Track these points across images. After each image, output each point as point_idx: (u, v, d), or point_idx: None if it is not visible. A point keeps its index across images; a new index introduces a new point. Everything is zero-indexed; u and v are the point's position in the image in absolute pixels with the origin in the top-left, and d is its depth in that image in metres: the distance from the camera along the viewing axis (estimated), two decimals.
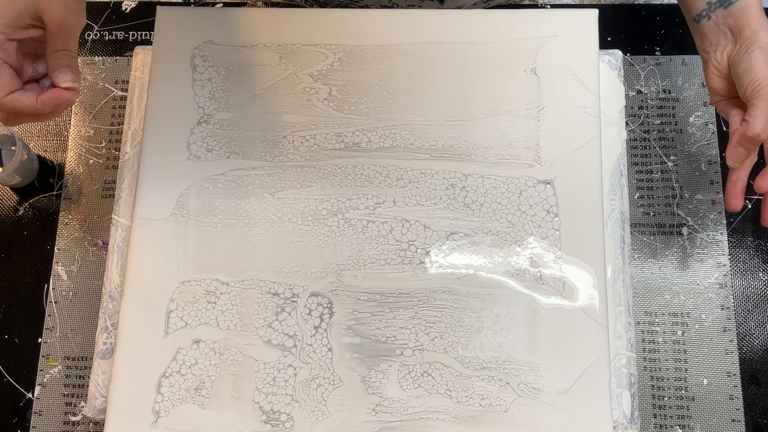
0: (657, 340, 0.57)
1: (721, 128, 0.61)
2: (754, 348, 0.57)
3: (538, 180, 0.56)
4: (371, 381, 0.53)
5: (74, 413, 0.57)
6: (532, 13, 0.61)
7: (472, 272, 0.55)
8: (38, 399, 0.57)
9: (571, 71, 0.58)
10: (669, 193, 0.60)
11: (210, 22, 0.61)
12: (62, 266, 0.60)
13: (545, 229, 0.55)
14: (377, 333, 0.54)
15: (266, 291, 0.55)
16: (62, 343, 0.58)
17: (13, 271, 0.60)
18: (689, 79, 0.63)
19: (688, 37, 0.64)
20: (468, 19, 0.60)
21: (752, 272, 0.59)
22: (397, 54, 0.59)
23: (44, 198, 0.62)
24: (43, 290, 0.59)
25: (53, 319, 0.58)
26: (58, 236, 0.60)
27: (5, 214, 0.61)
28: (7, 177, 0.59)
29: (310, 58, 0.60)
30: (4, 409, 0.57)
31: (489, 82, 0.58)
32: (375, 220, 0.56)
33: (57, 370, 0.57)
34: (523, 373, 0.53)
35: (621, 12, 0.65)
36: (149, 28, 0.65)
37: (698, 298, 0.58)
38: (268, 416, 0.52)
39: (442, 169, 0.57)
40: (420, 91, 0.59)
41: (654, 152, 0.61)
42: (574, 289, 0.54)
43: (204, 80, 0.59)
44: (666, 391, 0.56)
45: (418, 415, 0.52)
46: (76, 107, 0.64)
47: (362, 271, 0.55)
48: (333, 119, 0.58)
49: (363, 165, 0.57)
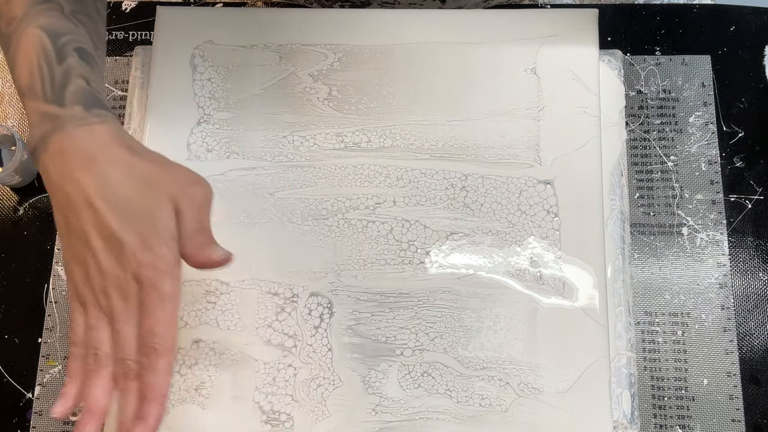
0: (657, 340, 0.57)
1: (721, 128, 0.61)
2: (754, 348, 0.57)
3: (538, 180, 0.56)
4: (371, 381, 0.53)
5: (74, 413, 0.57)
6: (532, 13, 0.61)
7: (472, 272, 0.55)
8: (38, 399, 0.57)
9: (571, 71, 0.58)
10: (669, 193, 0.60)
11: (210, 22, 0.61)
12: (62, 266, 0.60)
13: (545, 229, 0.55)
14: (377, 333, 0.54)
15: (266, 291, 0.55)
16: (62, 343, 0.58)
17: (13, 271, 0.60)
18: (689, 79, 0.63)
19: (688, 37, 0.64)
20: (468, 19, 0.60)
21: (752, 272, 0.59)
22: (397, 54, 0.59)
23: (44, 198, 0.62)
24: (43, 290, 0.59)
25: (53, 319, 0.58)
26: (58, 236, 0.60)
27: (5, 214, 0.61)
28: (7, 177, 0.59)
29: (310, 58, 0.60)
30: (4, 409, 0.57)
31: (489, 82, 0.58)
32: (375, 220, 0.56)
33: (57, 370, 0.57)
34: (523, 373, 0.53)
35: (621, 12, 0.65)
36: (149, 28, 0.65)
37: (698, 298, 0.58)
38: (268, 416, 0.52)
39: (442, 169, 0.57)
40: (420, 91, 0.59)
41: (654, 152, 0.61)
42: (574, 289, 0.54)
43: (204, 80, 0.59)
44: (666, 391, 0.56)
45: (418, 415, 0.52)
46: None
47: (362, 271, 0.55)
48: (333, 119, 0.58)
49: (363, 165, 0.57)
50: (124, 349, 0.41)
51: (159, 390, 0.41)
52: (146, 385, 0.41)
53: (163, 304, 0.41)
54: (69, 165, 0.41)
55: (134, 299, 0.41)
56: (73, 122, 0.41)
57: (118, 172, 0.41)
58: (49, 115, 0.42)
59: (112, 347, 0.42)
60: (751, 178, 0.61)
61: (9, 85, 0.64)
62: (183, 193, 0.42)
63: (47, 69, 0.42)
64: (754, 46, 0.63)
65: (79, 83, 0.43)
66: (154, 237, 0.41)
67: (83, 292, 0.42)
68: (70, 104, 0.42)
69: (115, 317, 0.41)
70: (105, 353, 0.42)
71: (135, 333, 0.41)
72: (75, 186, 0.40)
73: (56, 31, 0.44)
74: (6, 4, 0.44)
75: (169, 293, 0.41)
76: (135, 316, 0.41)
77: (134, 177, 0.41)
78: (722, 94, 0.62)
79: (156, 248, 0.41)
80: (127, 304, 0.41)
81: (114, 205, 0.40)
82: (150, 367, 0.41)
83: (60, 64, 0.43)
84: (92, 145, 0.41)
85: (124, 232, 0.40)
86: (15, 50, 0.44)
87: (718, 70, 0.63)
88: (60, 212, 0.42)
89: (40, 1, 0.44)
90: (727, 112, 0.62)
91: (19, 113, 0.64)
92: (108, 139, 0.42)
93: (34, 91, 0.42)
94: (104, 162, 0.41)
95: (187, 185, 0.43)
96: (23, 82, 0.43)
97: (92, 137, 0.41)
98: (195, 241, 0.43)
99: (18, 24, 0.44)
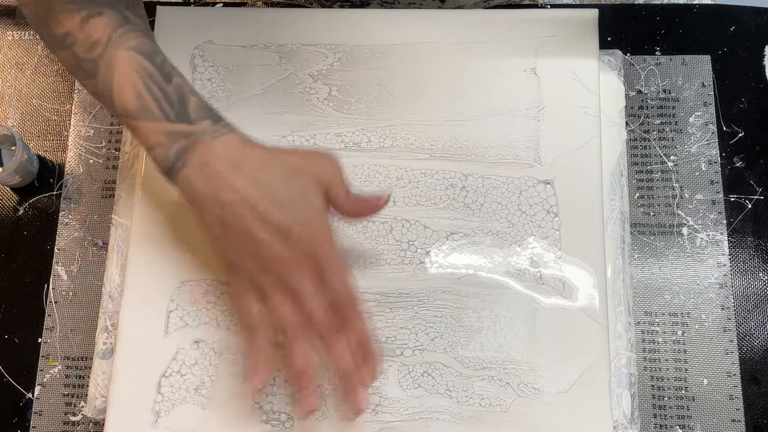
0: (657, 340, 0.57)
1: (721, 128, 0.61)
2: (754, 348, 0.57)
3: (538, 180, 0.56)
4: None
5: (74, 413, 0.57)
6: (532, 13, 0.61)
7: (472, 272, 0.55)
8: (38, 399, 0.57)
9: (571, 71, 0.58)
10: (669, 193, 0.60)
11: (210, 22, 0.61)
12: (62, 266, 0.60)
13: (545, 229, 0.55)
14: (377, 333, 0.54)
15: None
16: (62, 343, 0.58)
17: (13, 271, 0.60)
18: (689, 79, 0.63)
19: (688, 37, 0.64)
20: (468, 19, 0.60)
21: (752, 272, 0.59)
22: (397, 54, 0.59)
23: (44, 198, 0.62)
24: (43, 290, 0.59)
25: (53, 319, 0.58)
26: (58, 236, 0.60)
27: (5, 214, 0.61)
28: (7, 177, 0.59)
29: (310, 58, 0.60)
30: (4, 409, 0.57)
31: (489, 82, 0.58)
32: (375, 220, 0.56)
33: (57, 370, 0.57)
34: (523, 373, 0.53)
35: (621, 12, 0.65)
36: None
37: (698, 298, 0.58)
38: (268, 416, 0.52)
39: (442, 169, 0.57)
40: (420, 91, 0.59)
41: (654, 152, 0.61)
42: (574, 289, 0.54)
43: (204, 80, 0.59)
44: (666, 391, 0.56)
45: (418, 415, 0.52)
46: (77, 107, 0.64)
47: (362, 271, 0.55)
48: (333, 119, 0.58)
49: (363, 165, 0.57)
50: (316, 317, 0.46)
51: (365, 333, 0.48)
52: (354, 333, 0.47)
53: (338, 267, 0.46)
54: (217, 174, 0.44)
55: (311, 272, 0.46)
56: (208, 136, 0.45)
57: (264, 169, 0.45)
58: (180, 132, 0.45)
59: (301, 319, 0.46)
60: (751, 178, 0.61)
61: (9, 85, 0.64)
62: (324, 172, 0.47)
63: (158, 89, 0.45)
64: (754, 46, 0.63)
65: (196, 100, 0.46)
66: (310, 216, 0.45)
67: (260, 281, 0.46)
68: (198, 120, 0.46)
69: (300, 292, 0.45)
70: (295, 325, 0.46)
71: (320, 301, 0.46)
72: (229, 191, 0.44)
73: (149, 51, 0.46)
74: (81, 31, 0.45)
75: (338, 257, 0.46)
76: (316, 286, 0.46)
77: (278, 171, 0.46)
78: (722, 94, 0.62)
79: (315, 225, 0.46)
80: (306, 278, 0.46)
81: (270, 200, 0.44)
82: (350, 319, 0.47)
83: (169, 84, 0.46)
84: (232, 153, 0.45)
85: (288, 219, 0.44)
86: (107, 74, 0.45)
87: (718, 70, 0.63)
88: (213, 217, 0.45)
89: (121, 24, 0.46)
90: (727, 112, 0.62)
91: (19, 113, 0.64)
92: (242, 144, 0.46)
93: (150, 113, 0.45)
94: (249, 164, 0.45)
95: (324, 165, 0.47)
96: (131, 105, 0.45)
97: (229, 146, 0.46)
98: (354, 202, 0.48)
99: (104, 48, 0.45)
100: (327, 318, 0.46)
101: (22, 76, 0.65)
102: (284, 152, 0.47)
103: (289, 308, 0.46)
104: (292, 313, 0.46)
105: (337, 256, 0.46)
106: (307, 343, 0.47)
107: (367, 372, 0.48)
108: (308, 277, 0.46)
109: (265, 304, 0.46)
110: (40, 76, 0.65)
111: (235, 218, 0.44)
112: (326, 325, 0.46)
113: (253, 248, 0.45)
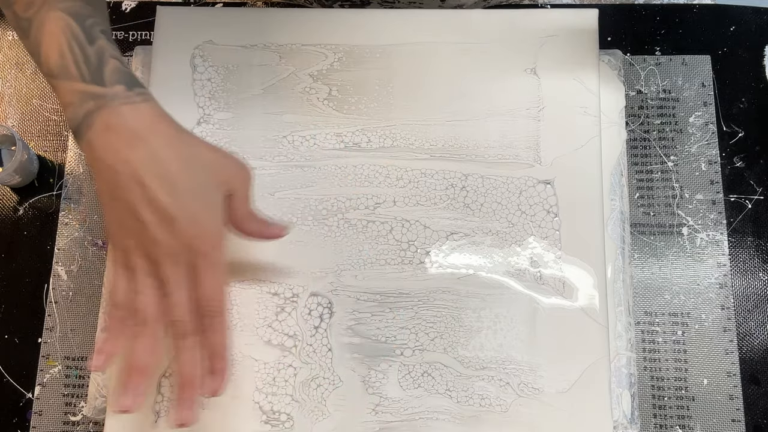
0: (657, 340, 0.57)
1: (721, 128, 0.61)
2: (754, 348, 0.57)
3: (538, 180, 0.56)
4: (371, 381, 0.53)
5: (74, 413, 0.57)
6: (532, 13, 0.61)
7: (472, 272, 0.55)
8: (38, 399, 0.57)
9: (571, 71, 0.58)
10: (669, 193, 0.60)
11: (210, 22, 0.61)
12: (62, 266, 0.60)
13: (545, 229, 0.55)
14: (377, 333, 0.54)
15: (266, 291, 0.55)
16: (62, 343, 0.58)
17: (13, 271, 0.60)
18: (689, 79, 0.63)
19: (688, 37, 0.64)
20: (468, 18, 0.60)
21: (752, 272, 0.59)
22: (397, 54, 0.59)
23: (44, 198, 0.62)
24: (43, 290, 0.59)
25: (53, 319, 0.58)
26: (58, 236, 0.60)
27: (5, 214, 0.61)
28: (7, 177, 0.59)
29: (310, 58, 0.60)
30: (4, 409, 0.57)
31: (489, 82, 0.58)
32: (375, 220, 0.56)
33: (57, 370, 0.57)
34: (523, 373, 0.52)
35: (621, 12, 0.65)
36: (149, 28, 0.65)
37: (698, 298, 0.58)
38: (268, 416, 0.52)
39: (442, 169, 0.57)
40: (420, 91, 0.59)
41: (654, 152, 0.61)
42: (574, 289, 0.54)
43: (204, 80, 0.59)
44: (666, 391, 0.56)
45: (418, 415, 0.52)
46: None
47: (362, 271, 0.55)
48: (333, 119, 0.58)
49: (363, 165, 0.57)
50: (177, 312, 0.44)
51: (221, 346, 0.45)
52: (210, 343, 0.45)
53: (215, 271, 0.44)
54: (117, 141, 0.42)
55: (185, 267, 0.43)
56: (118, 100, 0.43)
57: (166, 148, 0.43)
58: (90, 94, 0.43)
59: (161, 311, 0.44)
60: (751, 178, 0.61)
61: (9, 85, 0.64)
62: (234, 176, 0.45)
63: (79, 50, 0.44)
64: (754, 46, 0.63)
65: (115, 63, 0.44)
66: (202, 212, 0.43)
67: (133, 260, 0.44)
68: (111, 83, 0.43)
69: (168, 283, 0.43)
70: (152, 316, 0.44)
71: (187, 297, 0.44)
72: (123, 162, 0.42)
73: (80, 13, 0.45)
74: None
75: (219, 262, 0.44)
76: (186, 282, 0.44)
77: (183, 154, 0.43)
78: (722, 94, 0.62)
79: (205, 224, 0.43)
80: (179, 271, 0.43)
81: (163, 181, 0.42)
82: (210, 327, 0.45)
83: (91, 45, 0.44)
84: (138, 122, 0.43)
85: (175, 207, 0.42)
86: (38, 33, 0.44)
87: (718, 70, 0.63)
88: (105, 185, 0.43)
89: None
90: (727, 112, 0.62)
91: (19, 113, 0.64)
92: (153, 116, 0.44)
93: (68, 72, 0.43)
94: (152, 138, 0.43)
95: (236, 169, 0.46)
96: (53, 64, 0.44)
97: (138, 114, 0.43)
98: (252, 218, 0.47)
99: (38, 8, 0.44)
100: (187, 318, 0.44)
101: (22, 76, 0.65)
102: (199, 141, 0.45)
103: (151, 296, 0.44)
104: (153, 302, 0.44)
105: (217, 261, 0.44)
106: (156, 339, 0.44)
107: (210, 384, 0.46)
108: (181, 271, 0.43)
109: (133, 284, 0.44)
110: (40, 76, 0.64)
111: (122, 191, 0.42)
112: (184, 325, 0.44)
113: (134, 226, 0.43)
